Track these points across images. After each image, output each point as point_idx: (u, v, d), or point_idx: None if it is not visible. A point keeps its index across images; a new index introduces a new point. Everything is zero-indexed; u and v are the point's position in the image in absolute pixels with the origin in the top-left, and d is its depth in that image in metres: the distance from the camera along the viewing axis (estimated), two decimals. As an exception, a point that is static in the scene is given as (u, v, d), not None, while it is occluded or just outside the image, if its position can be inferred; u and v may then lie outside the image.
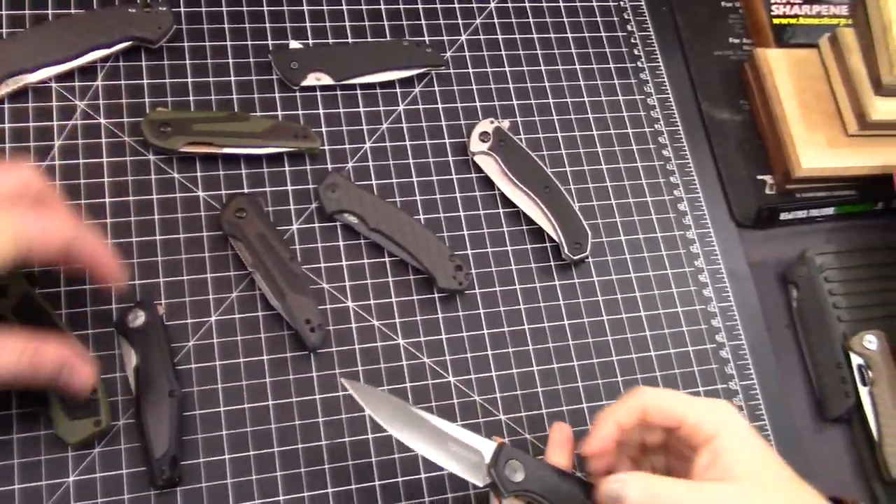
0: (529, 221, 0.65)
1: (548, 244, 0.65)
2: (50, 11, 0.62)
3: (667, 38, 0.75)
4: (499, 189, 0.65)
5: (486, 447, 0.48)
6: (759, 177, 0.71)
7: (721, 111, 0.73)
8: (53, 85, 0.60)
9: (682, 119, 0.72)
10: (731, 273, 0.67)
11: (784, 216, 0.69)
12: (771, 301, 0.68)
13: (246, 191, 0.61)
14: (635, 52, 0.73)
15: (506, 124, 0.65)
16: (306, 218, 0.61)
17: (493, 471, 0.46)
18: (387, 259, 0.61)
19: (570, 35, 0.73)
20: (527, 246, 0.64)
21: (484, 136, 0.65)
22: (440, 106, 0.67)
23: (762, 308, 0.67)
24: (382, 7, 0.69)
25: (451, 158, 0.66)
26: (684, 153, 0.70)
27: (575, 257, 0.63)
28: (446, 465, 0.48)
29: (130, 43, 0.62)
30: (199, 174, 0.61)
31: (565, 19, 0.73)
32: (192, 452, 0.54)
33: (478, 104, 0.68)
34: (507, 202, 0.65)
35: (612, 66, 0.72)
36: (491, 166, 0.65)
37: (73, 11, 0.63)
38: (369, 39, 0.68)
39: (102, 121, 0.60)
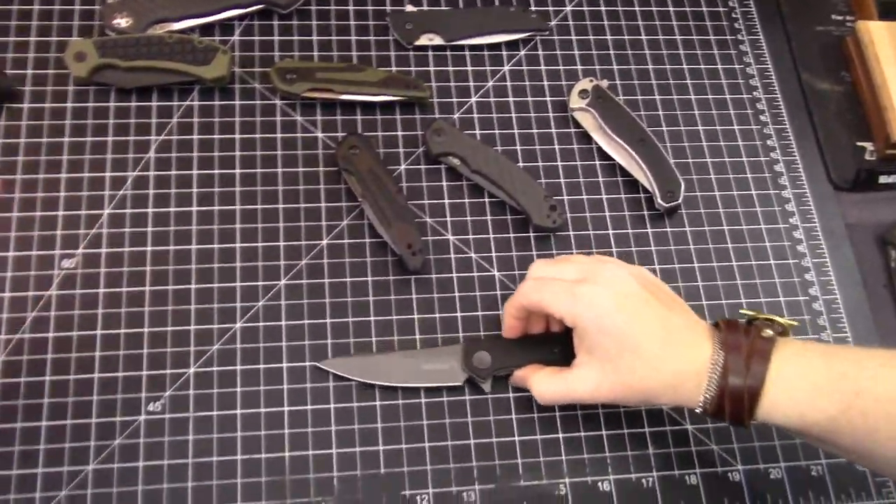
0: (624, 173, 0.67)
1: (642, 195, 0.67)
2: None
3: (768, 13, 0.77)
4: (595, 143, 0.68)
5: (454, 352, 0.58)
6: (859, 143, 0.71)
7: (821, 82, 0.74)
8: (196, 37, 0.67)
9: (781, 88, 0.73)
10: (826, 232, 0.68)
11: (883, 179, 0.69)
12: (868, 261, 0.68)
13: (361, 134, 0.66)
14: (736, 25, 0.76)
15: (604, 83, 0.69)
16: (413, 160, 0.66)
17: (467, 368, 0.58)
18: (486, 199, 0.65)
19: (671, 9, 0.76)
20: (621, 196, 0.67)
21: (583, 94, 0.68)
22: (543, 68, 0.71)
23: (859, 268, 0.67)
24: (492, -25, 0.75)
25: (551, 114, 0.69)
26: (782, 119, 0.72)
27: (668, 205, 0.65)
28: (428, 383, 0.58)
29: (264, 6, 0.69)
30: (318, 118, 0.67)
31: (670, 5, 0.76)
32: (300, 356, 0.58)
33: (579, 67, 0.72)
34: (603, 156, 0.68)
35: (711, 37, 0.75)
36: (588, 121, 0.68)
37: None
38: (478, 5, 0.73)
39: (236, 69, 0.67)
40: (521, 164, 0.67)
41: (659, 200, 0.65)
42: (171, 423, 0.56)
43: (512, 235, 0.65)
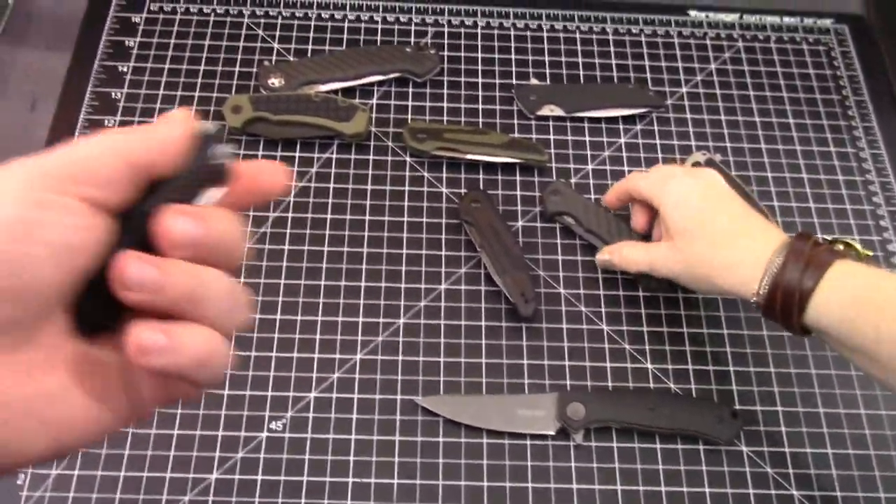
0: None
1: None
2: (345, 37, 0.78)
3: (881, 99, 0.79)
4: None
5: (549, 401, 0.60)
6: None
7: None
8: (339, 97, 0.74)
9: (894, 171, 0.75)
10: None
11: None
12: None
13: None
14: (849, 112, 0.78)
15: (717, 157, 0.72)
16: (530, 218, 0.70)
17: (560, 418, 0.60)
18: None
19: (785, 94, 0.79)
20: None
21: (696, 166, 0.71)
22: (657, 142, 0.75)
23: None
24: (612, 54, 0.79)
25: (664, 184, 0.72)
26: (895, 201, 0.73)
27: None
28: (521, 429, 0.60)
29: (401, 74, 0.76)
30: (444, 175, 0.72)
31: (781, 82, 0.79)
32: (413, 390, 0.62)
33: (692, 143, 0.75)
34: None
35: (825, 122, 0.77)
36: None
37: (361, 45, 0.78)
38: (598, 82, 0.78)
39: (373, 128, 0.74)
40: (633, 228, 0.70)
41: None
42: (290, 442, 0.60)
43: (622, 293, 0.67)
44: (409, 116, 0.75)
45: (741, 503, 0.59)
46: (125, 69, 0.75)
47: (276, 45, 0.77)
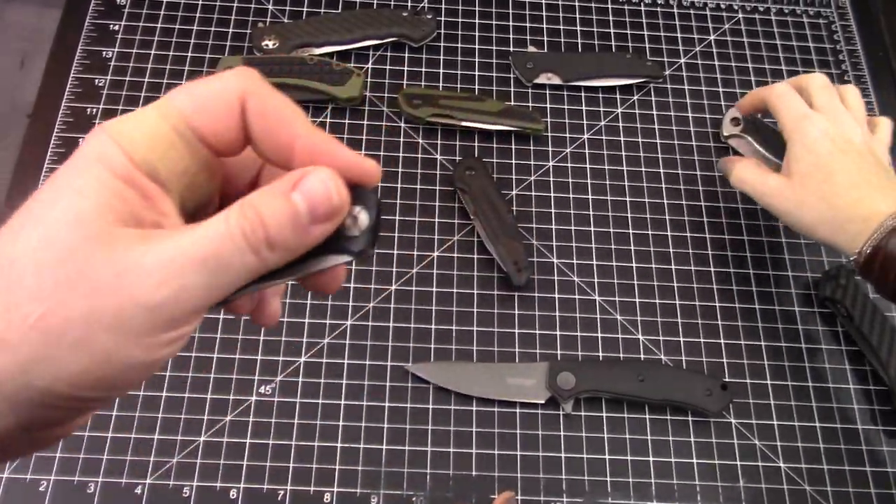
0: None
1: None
2: (341, 0, 0.77)
3: (881, 77, 0.78)
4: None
5: (539, 370, 0.60)
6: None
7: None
8: (333, 61, 0.73)
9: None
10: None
11: None
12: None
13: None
14: (846, 78, 0.77)
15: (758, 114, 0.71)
16: (524, 187, 0.70)
17: (550, 388, 0.59)
18: (592, 228, 0.68)
19: (783, 67, 0.78)
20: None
21: (734, 121, 0.71)
22: (654, 112, 0.74)
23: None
24: (611, 23, 0.78)
25: (660, 155, 0.72)
26: None
27: None
28: (511, 397, 0.60)
29: (397, 39, 0.75)
30: (439, 142, 0.71)
31: (780, 55, 0.79)
32: (404, 357, 0.62)
33: (689, 114, 0.74)
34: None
35: None
36: (744, 146, 0.71)
37: (357, 8, 0.77)
38: (596, 51, 0.77)
39: (367, 93, 0.73)
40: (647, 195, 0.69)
41: None
42: (279, 406, 0.60)
43: (614, 264, 0.67)
44: (405, 82, 0.74)
45: (729, 474, 0.59)
46: (116, 28, 0.74)
47: (270, 7, 0.76)
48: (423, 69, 0.75)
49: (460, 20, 0.78)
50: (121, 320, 0.24)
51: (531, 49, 0.76)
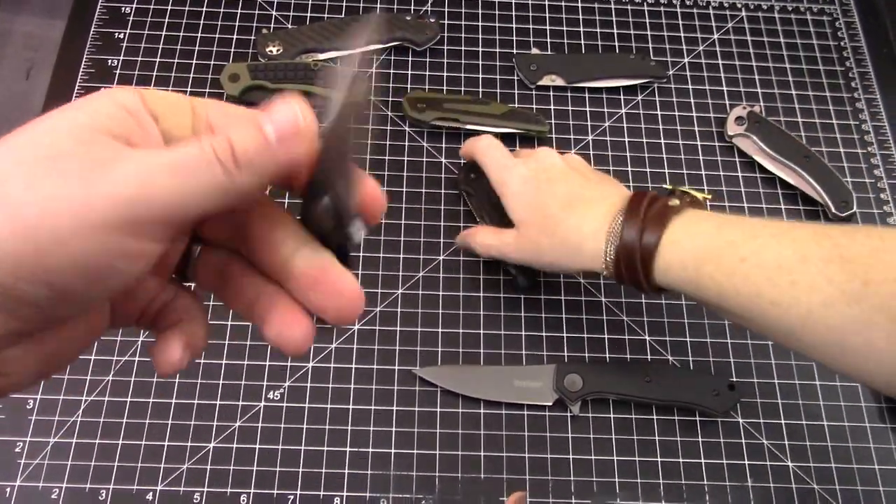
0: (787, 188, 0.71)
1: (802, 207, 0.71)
2: (344, 5, 0.77)
3: (886, 74, 0.78)
4: (759, 165, 0.72)
5: (546, 372, 0.61)
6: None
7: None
8: (337, 65, 0.73)
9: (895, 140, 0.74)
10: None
11: None
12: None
13: (481, 162, 0.70)
14: (852, 84, 0.77)
15: (757, 108, 0.71)
16: (530, 189, 0.70)
17: (558, 390, 0.60)
18: (597, 230, 0.68)
19: (787, 65, 0.78)
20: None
21: (739, 120, 0.71)
22: (659, 112, 0.74)
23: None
24: (614, 24, 0.79)
25: (664, 156, 0.72)
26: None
27: (843, 214, 0.68)
28: (519, 400, 0.60)
29: (400, 43, 0.75)
30: (443, 145, 0.71)
31: (784, 52, 0.79)
32: (412, 361, 0.62)
33: (694, 114, 0.74)
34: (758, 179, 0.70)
35: (827, 94, 0.76)
36: (748, 145, 0.71)
37: (360, 13, 0.77)
38: (600, 52, 0.77)
39: (372, 98, 0.73)
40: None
41: (833, 210, 0.68)
42: (287, 412, 0.60)
43: (620, 265, 0.67)
44: (409, 86, 0.74)
45: (737, 474, 0.59)
46: (121, 36, 0.74)
47: (274, 13, 0.77)
48: (427, 73, 0.75)
49: (463, 23, 0.78)
50: (86, 207, 0.24)
51: (534, 51, 0.76)
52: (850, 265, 0.44)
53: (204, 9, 0.76)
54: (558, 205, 0.55)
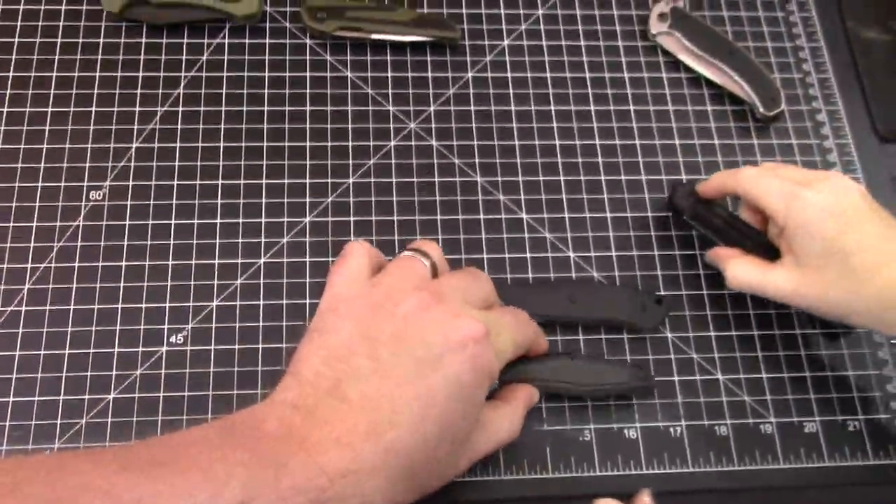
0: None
1: (728, 107, 0.67)
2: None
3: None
4: (684, 65, 0.68)
5: None
6: (909, 94, 0.69)
7: (868, 30, 0.71)
8: (228, -26, 0.67)
9: (825, 36, 0.71)
10: (871, 185, 0.65)
11: (934, 130, 0.66)
12: (913, 215, 0.65)
13: (391, 75, 0.65)
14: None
15: (681, 3, 0.67)
16: (443, 101, 0.65)
17: None
18: (516, 142, 0.64)
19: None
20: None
21: (662, 17, 0.67)
22: (578, 12, 0.70)
23: (903, 221, 0.64)
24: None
25: (584, 59, 0.68)
26: (825, 68, 0.69)
27: (771, 113, 0.64)
28: None
29: (297, -54, 0.69)
30: (348, 58, 0.66)
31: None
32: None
33: (615, 13, 0.70)
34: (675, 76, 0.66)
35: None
36: (673, 44, 0.67)
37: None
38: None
39: (267, 8, 0.67)
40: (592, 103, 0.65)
41: (761, 110, 0.64)
42: (192, 355, 0.56)
43: (541, 179, 0.63)
44: (307, -6, 0.68)
45: (667, 391, 0.57)
46: (-19, -50, 0.66)
47: (153, -83, 0.69)
48: (327, -22, 0.68)
49: (365, -79, 0.71)
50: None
51: (442, -51, 0.70)
52: None
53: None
54: (869, 255, 0.48)
